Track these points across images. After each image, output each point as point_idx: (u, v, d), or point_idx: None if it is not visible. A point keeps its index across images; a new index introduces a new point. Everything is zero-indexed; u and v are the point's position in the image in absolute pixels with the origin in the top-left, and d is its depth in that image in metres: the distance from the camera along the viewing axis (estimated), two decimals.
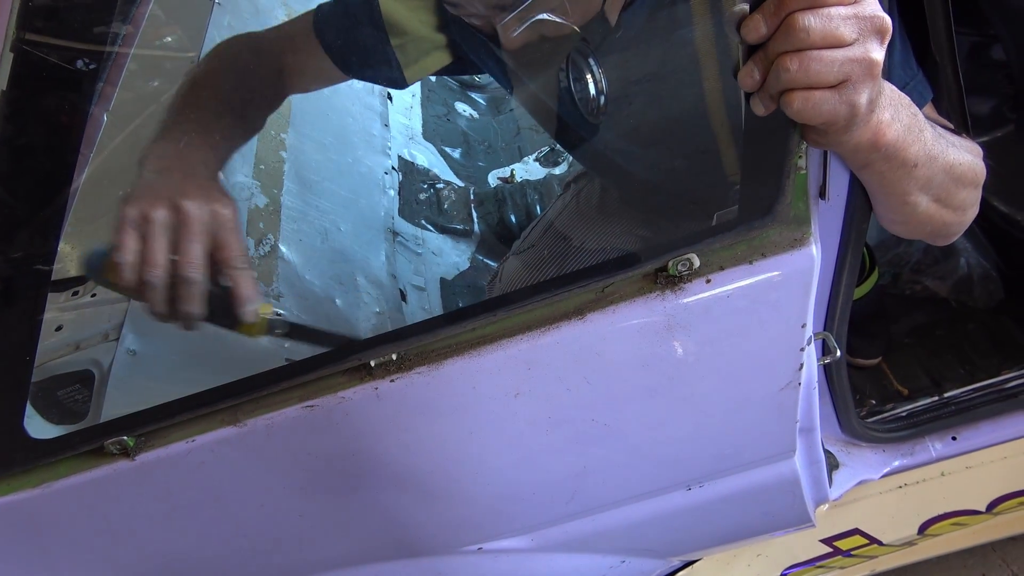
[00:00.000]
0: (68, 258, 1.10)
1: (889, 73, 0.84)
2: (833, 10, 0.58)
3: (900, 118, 0.69)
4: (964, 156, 0.80)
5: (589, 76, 1.05)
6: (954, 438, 1.27)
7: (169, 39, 1.47)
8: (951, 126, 0.88)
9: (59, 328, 1.03)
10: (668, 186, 1.17)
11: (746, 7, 0.60)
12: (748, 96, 0.65)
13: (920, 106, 0.86)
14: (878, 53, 0.60)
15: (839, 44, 0.59)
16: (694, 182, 1.11)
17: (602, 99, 1.03)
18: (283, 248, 1.37)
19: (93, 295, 1.07)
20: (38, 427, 0.86)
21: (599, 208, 1.30)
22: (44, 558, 0.89)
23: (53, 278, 1.10)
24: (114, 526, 0.87)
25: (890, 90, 0.69)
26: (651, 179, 1.17)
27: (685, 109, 1.02)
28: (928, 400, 1.39)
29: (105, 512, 0.86)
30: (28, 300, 0.75)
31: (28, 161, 0.73)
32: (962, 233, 0.91)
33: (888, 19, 0.60)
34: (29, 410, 0.83)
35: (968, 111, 0.89)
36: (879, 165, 0.73)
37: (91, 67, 0.85)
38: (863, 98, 0.62)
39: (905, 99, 0.72)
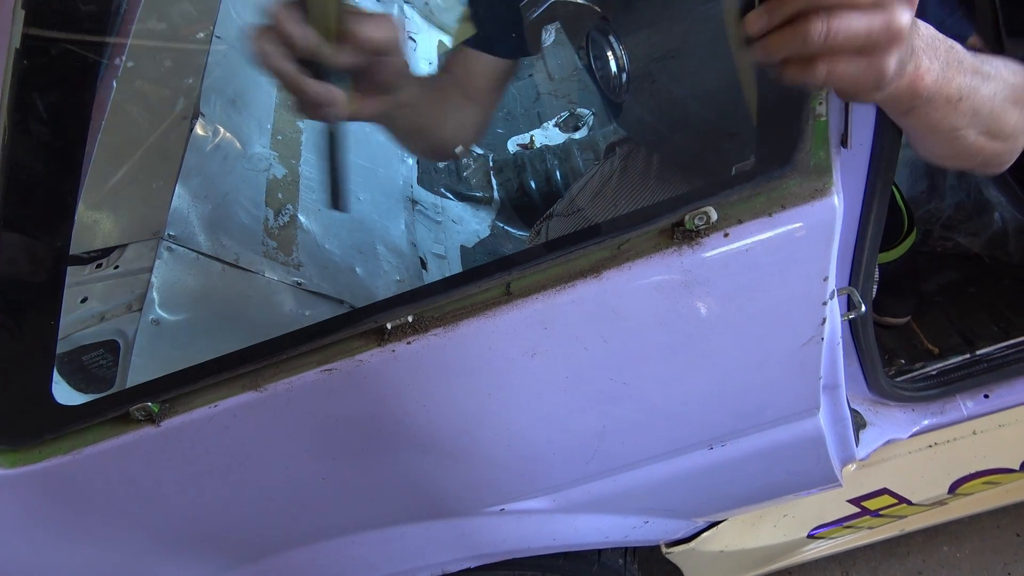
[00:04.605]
0: (90, 230, 1.11)
1: (924, 10, 0.81)
2: None
3: (938, 57, 0.66)
4: (1009, 78, 0.76)
5: (610, 53, 1.03)
6: (986, 396, 1.24)
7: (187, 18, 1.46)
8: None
9: (84, 300, 1.04)
10: (706, 151, 1.15)
11: None
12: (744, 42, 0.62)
13: (965, 38, 0.82)
14: (906, 17, 0.57)
15: (869, 8, 0.56)
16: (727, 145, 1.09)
17: (624, 76, 1.01)
18: (302, 218, 1.37)
19: (116, 267, 1.08)
20: (65, 394, 0.87)
21: (648, 171, 1.28)
22: (78, 521, 0.91)
23: (79, 250, 1.12)
24: (142, 490, 0.89)
25: (925, 30, 0.66)
26: (686, 145, 1.15)
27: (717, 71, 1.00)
28: (960, 358, 1.36)
29: (133, 476, 0.87)
30: (49, 269, 0.76)
31: (41, 137, 0.73)
32: (1015, 159, 0.87)
33: None
34: (56, 377, 0.85)
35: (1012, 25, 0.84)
36: (922, 108, 0.70)
37: (124, 62, 0.85)
38: (891, 61, 0.59)
39: (939, 37, 0.68)
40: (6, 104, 0.70)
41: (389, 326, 0.79)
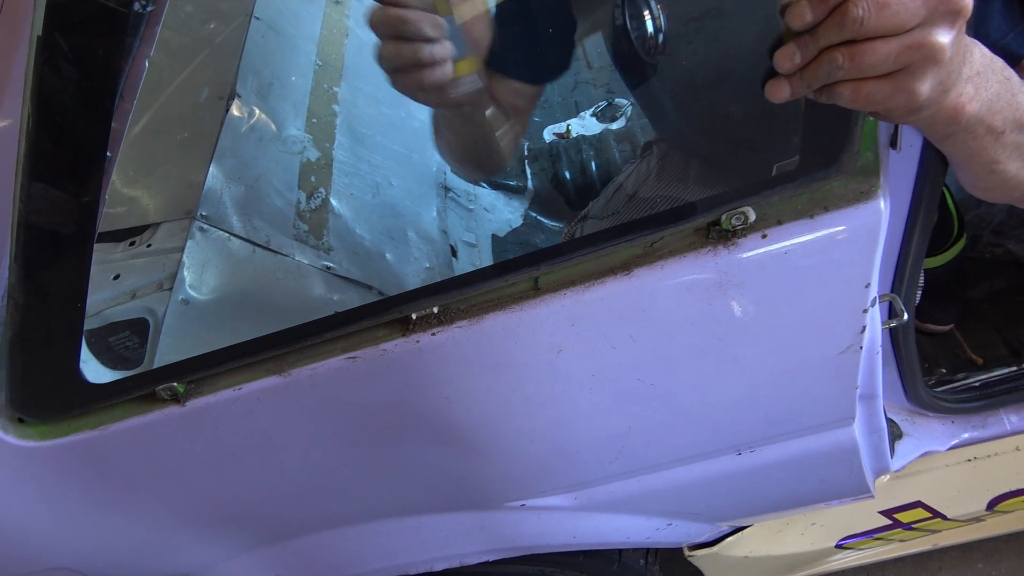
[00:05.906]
0: (124, 208, 1.12)
1: (987, 23, 0.76)
2: None
3: (987, 87, 0.62)
4: None
5: (647, 12, 0.99)
6: None
7: None
8: None
9: (116, 277, 1.05)
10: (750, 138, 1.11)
11: None
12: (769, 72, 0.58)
13: (1020, 59, 0.78)
14: (944, 36, 0.52)
15: (897, 32, 0.52)
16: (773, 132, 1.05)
17: (660, 36, 0.97)
18: (334, 202, 1.37)
19: (148, 245, 1.09)
20: (94, 372, 0.88)
21: (686, 174, 1.24)
22: (103, 494, 0.93)
23: (112, 228, 1.13)
24: (166, 468, 0.90)
25: (980, 56, 0.61)
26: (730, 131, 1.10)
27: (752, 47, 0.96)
28: (1005, 370, 1.30)
29: (158, 454, 0.88)
30: (78, 245, 0.77)
31: (72, 108, 0.73)
32: None
33: None
34: (87, 355, 0.86)
35: None
36: (961, 136, 0.66)
37: (148, 8, 0.84)
38: (924, 85, 0.55)
39: (996, 63, 0.64)
40: (30, 89, 0.70)
41: (414, 316, 0.79)
